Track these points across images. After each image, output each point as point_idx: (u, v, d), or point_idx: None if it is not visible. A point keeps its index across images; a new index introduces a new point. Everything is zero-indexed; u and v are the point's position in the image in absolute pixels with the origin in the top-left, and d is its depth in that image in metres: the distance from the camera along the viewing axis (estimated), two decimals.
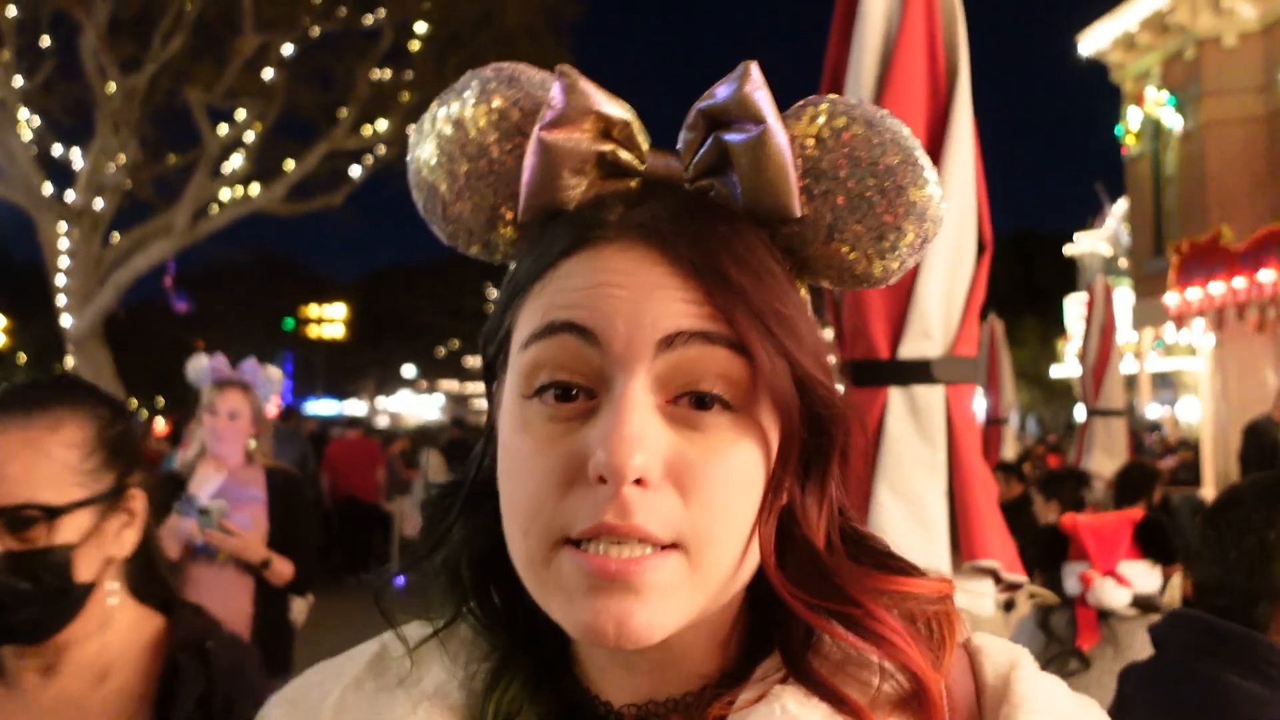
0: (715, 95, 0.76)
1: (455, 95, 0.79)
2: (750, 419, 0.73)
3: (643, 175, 0.78)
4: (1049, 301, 37.05)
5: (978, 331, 2.80)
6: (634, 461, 0.67)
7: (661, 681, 0.78)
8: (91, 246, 17.29)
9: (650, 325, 0.70)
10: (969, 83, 2.82)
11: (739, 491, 0.72)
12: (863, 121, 0.77)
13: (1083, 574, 3.15)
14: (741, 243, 0.74)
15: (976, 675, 0.78)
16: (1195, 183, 17.78)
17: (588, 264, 0.74)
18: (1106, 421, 9.42)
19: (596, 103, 0.76)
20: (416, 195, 0.82)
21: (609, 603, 0.69)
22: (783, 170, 0.74)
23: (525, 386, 0.74)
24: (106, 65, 16.64)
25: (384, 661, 0.85)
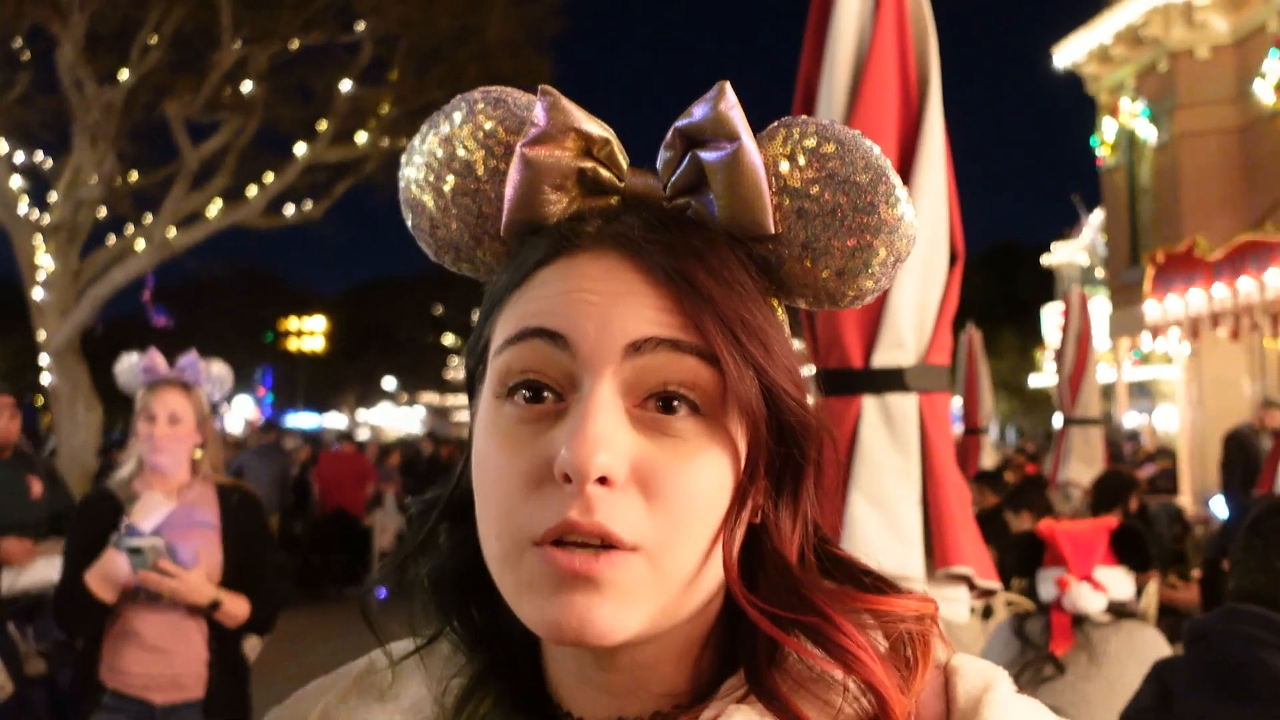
0: (692, 114, 0.77)
1: (444, 116, 0.81)
2: (718, 427, 0.74)
3: (622, 193, 0.80)
4: (1027, 312, 37.30)
5: (950, 340, 2.83)
6: (597, 460, 0.69)
7: (632, 699, 0.79)
8: (68, 261, 17.18)
9: (619, 330, 0.72)
10: (940, 93, 2.85)
11: (704, 498, 0.73)
12: (835, 141, 0.79)
13: (1059, 579, 3.18)
14: (715, 255, 0.76)
15: (949, 696, 0.77)
16: (1170, 193, 17.95)
17: (562, 272, 0.76)
18: (1084, 430, 9.49)
19: (578, 121, 0.77)
20: (406, 213, 0.84)
21: (573, 598, 0.70)
22: (757, 187, 0.76)
23: (499, 387, 0.76)
24: (84, 79, 16.56)
25: (371, 676, 0.87)
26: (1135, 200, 19.52)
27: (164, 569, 3.45)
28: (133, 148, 18.42)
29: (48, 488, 5.60)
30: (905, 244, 0.80)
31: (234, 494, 3.79)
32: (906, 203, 0.79)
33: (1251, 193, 16.79)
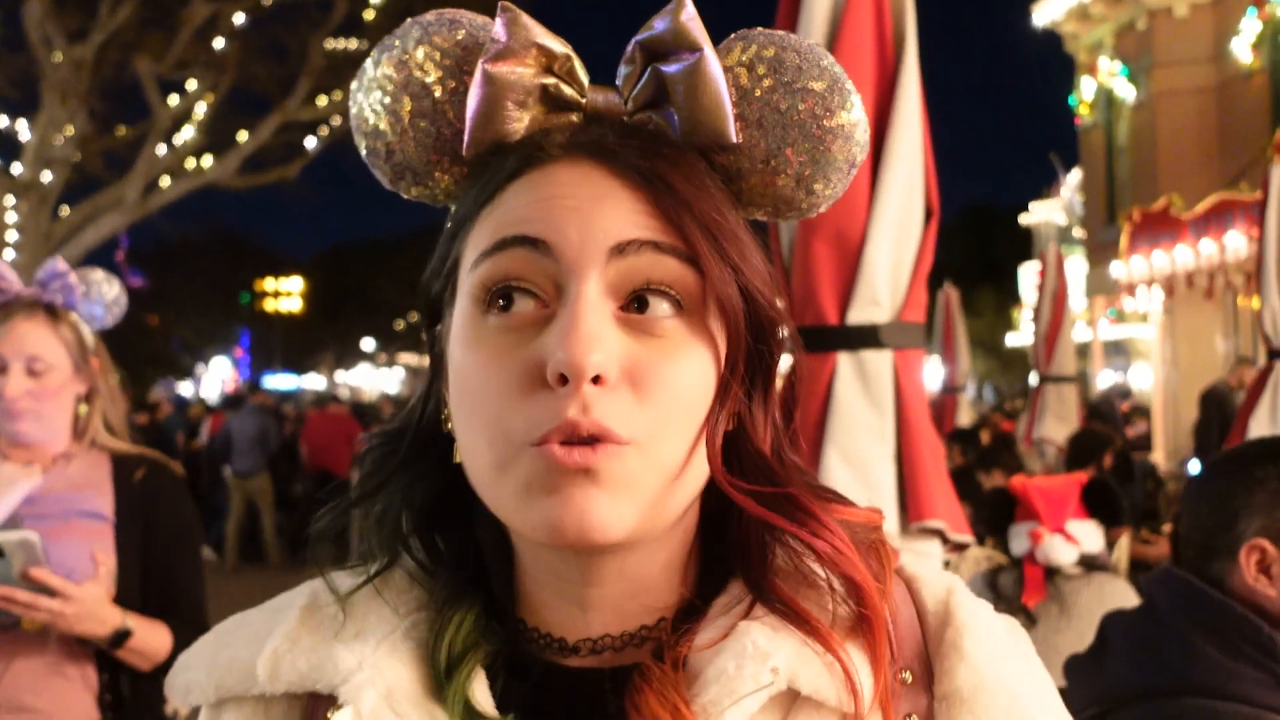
0: (653, 27, 0.79)
1: (397, 39, 0.81)
2: (699, 325, 0.76)
3: (584, 109, 0.80)
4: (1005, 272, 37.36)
5: (925, 297, 2.84)
6: (592, 358, 0.70)
7: (616, 615, 0.80)
8: (40, 221, 16.98)
9: (602, 233, 0.73)
10: (916, 49, 2.84)
11: (690, 392, 0.75)
12: (791, 50, 0.80)
13: (1032, 531, 3.23)
14: (684, 160, 0.78)
15: (916, 601, 0.82)
16: (1147, 152, 18.00)
17: (535, 181, 0.77)
18: (1059, 388, 9.55)
19: (538, 36, 0.78)
20: (359, 140, 0.83)
21: (573, 493, 0.71)
22: (717, 97, 0.77)
23: (480, 294, 0.76)
24: (53, 35, 16.28)
25: (317, 614, 0.83)
26: (1113, 159, 19.57)
27: (38, 580, 2.21)
28: (104, 106, 18.16)
29: None
30: (859, 149, 0.83)
31: (138, 466, 2.51)
32: (860, 109, 0.82)
33: (1227, 152, 16.85)
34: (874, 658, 0.75)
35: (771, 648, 0.74)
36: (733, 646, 0.74)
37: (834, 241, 2.70)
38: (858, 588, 0.77)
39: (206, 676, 0.83)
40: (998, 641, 0.79)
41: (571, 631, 0.80)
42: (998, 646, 0.79)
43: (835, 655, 0.74)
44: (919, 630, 0.81)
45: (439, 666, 0.78)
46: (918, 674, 0.79)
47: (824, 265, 2.71)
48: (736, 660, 0.74)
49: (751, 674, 0.73)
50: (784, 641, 0.75)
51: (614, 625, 0.80)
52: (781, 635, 0.75)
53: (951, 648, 0.78)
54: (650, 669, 0.75)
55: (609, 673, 0.78)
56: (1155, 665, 1.76)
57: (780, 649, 0.74)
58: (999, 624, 0.82)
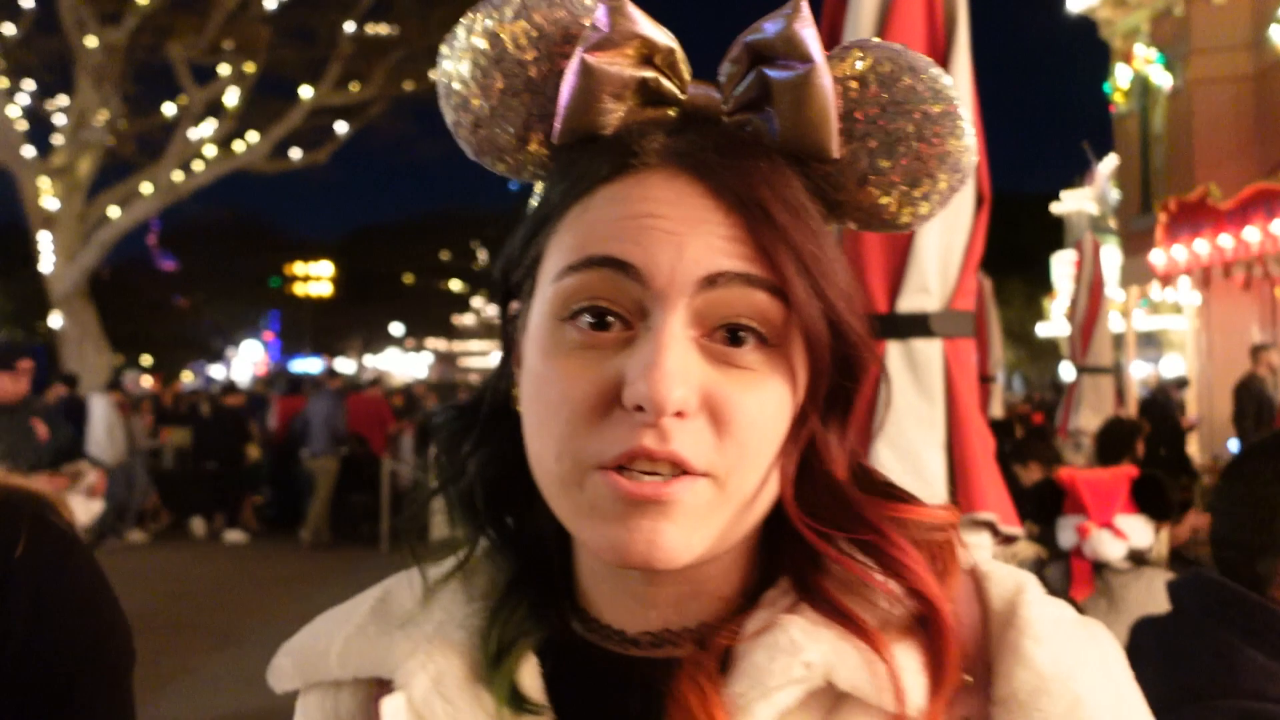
0: (763, 30, 0.75)
1: (494, 9, 0.78)
2: (783, 356, 0.74)
3: (682, 105, 0.77)
4: (1035, 260, 37.10)
5: (976, 285, 2.79)
6: (674, 395, 0.68)
7: (679, 612, 0.79)
8: (74, 204, 17.12)
9: (693, 263, 0.71)
10: (968, 32, 2.79)
11: (768, 426, 0.73)
12: (907, 68, 0.77)
13: (1080, 526, 3.17)
14: (781, 179, 0.74)
15: (982, 600, 0.78)
16: (1183, 140, 17.75)
17: (628, 193, 0.74)
18: (1095, 379, 9.45)
19: (642, 27, 0.75)
20: (445, 109, 0.81)
21: (641, 523, 0.70)
22: (825, 110, 0.75)
23: (560, 310, 0.74)
24: (86, 19, 16.39)
25: (387, 604, 0.85)
26: (1148, 147, 19.32)
27: None
28: (137, 90, 18.28)
29: (49, 427, 5.77)
30: (963, 176, 0.80)
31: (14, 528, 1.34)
32: (971, 135, 0.79)
33: (1265, 140, 16.60)
34: (934, 663, 0.73)
35: (807, 642, 0.72)
36: (767, 639, 0.73)
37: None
38: (926, 601, 0.74)
39: (294, 664, 0.86)
40: (1065, 642, 0.74)
41: (631, 624, 0.80)
42: (1064, 648, 0.74)
43: (879, 653, 0.72)
44: (981, 629, 0.77)
45: (488, 652, 0.79)
46: (979, 676, 0.76)
47: (873, 252, 2.67)
48: (769, 653, 0.72)
49: (782, 667, 0.72)
50: (822, 636, 0.73)
51: (674, 620, 0.79)
52: (820, 630, 0.73)
53: (1010, 649, 0.74)
54: (691, 659, 0.74)
55: (661, 663, 0.77)
56: (1193, 671, 1.71)
57: (817, 643, 0.72)
58: (1072, 625, 0.77)
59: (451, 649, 0.79)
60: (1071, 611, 0.78)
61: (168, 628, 8.69)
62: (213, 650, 7.72)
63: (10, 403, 5.55)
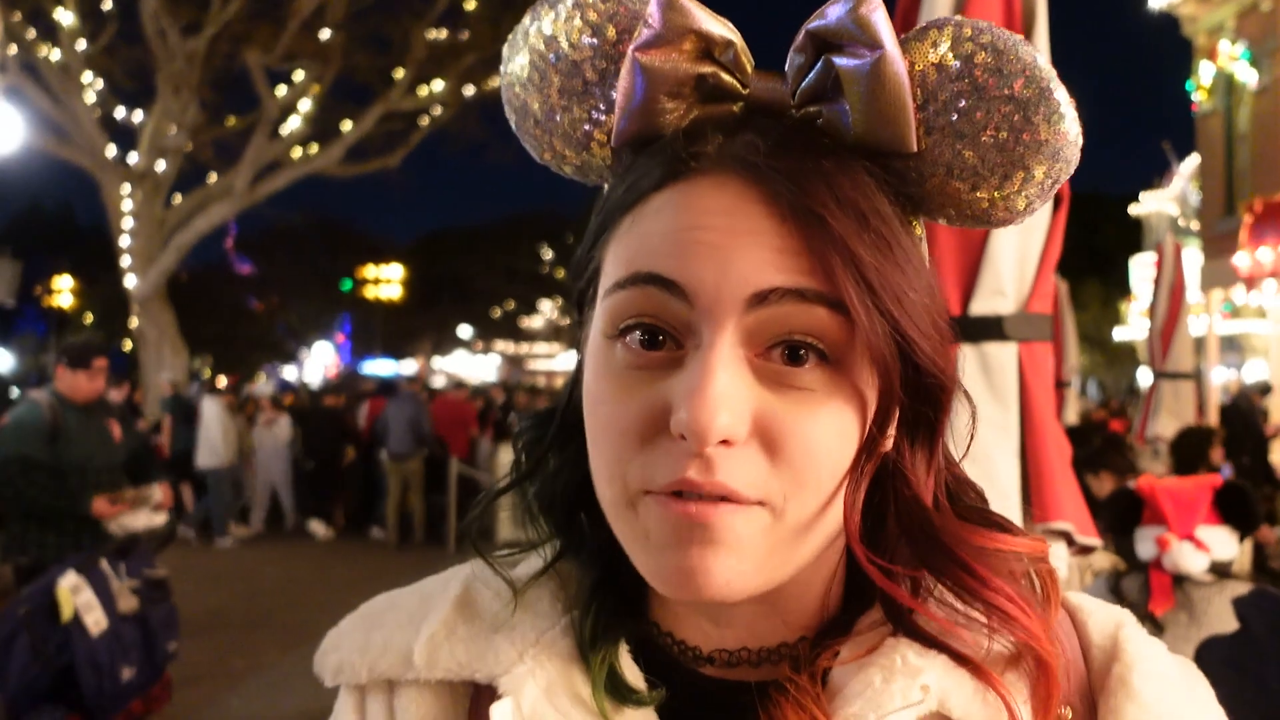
0: (826, 15, 0.69)
1: (549, 7, 0.74)
2: (846, 376, 0.68)
3: (745, 100, 0.72)
4: (1112, 263, 36.32)
5: (1053, 288, 2.71)
6: (718, 424, 0.64)
7: (753, 633, 0.76)
8: (154, 209, 17.54)
9: (740, 280, 0.66)
10: (1047, 29, 2.71)
11: (828, 453, 0.68)
12: (991, 49, 0.69)
13: (1159, 537, 3.07)
14: (848, 180, 0.68)
15: (1081, 634, 0.77)
16: (1270, 139, 17.23)
17: (678, 201, 0.69)
18: (1174, 385, 9.19)
19: (697, 21, 0.70)
20: (509, 112, 0.78)
21: (690, 551, 0.66)
22: (899, 101, 0.68)
23: (609, 328, 0.71)
24: (167, 28, 16.78)
25: (472, 605, 0.82)
26: (1232, 147, 18.79)
27: None
28: (214, 97, 18.68)
29: (123, 429, 5.90)
30: (1066, 165, 0.71)
31: None
32: (1073, 120, 0.70)
33: None
34: (1040, 697, 0.71)
35: (923, 664, 0.70)
36: (880, 660, 0.70)
37: (957, 228, 2.58)
38: (1031, 644, 0.71)
39: (360, 657, 0.82)
40: (1169, 680, 0.74)
41: (705, 642, 0.77)
42: (1169, 685, 0.74)
43: (993, 685, 0.69)
44: (1083, 665, 0.76)
45: (586, 643, 0.77)
46: (1079, 710, 0.74)
47: (946, 253, 2.60)
48: (884, 674, 0.70)
49: (900, 689, 0.69)
50: (934, 660, 0.70)
51: (750, 640, 0.76)
52: (933, 654, 0.71)
53: (1119, 684, 0.73)
54: (790, 683, 0.71)
55: (741, 685, 0.75)
56: (1261, 692, 1.64)
57: (931, 667, 0.70)
58: (1171, 662, 0.76)
59: (560, 657, 0.77)
60: (1165, 649, 0.77)
61: (241, 625, 8.85)
62: (286, 648, 7.84)
63: (88, 402, 5.65)
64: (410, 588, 0.87)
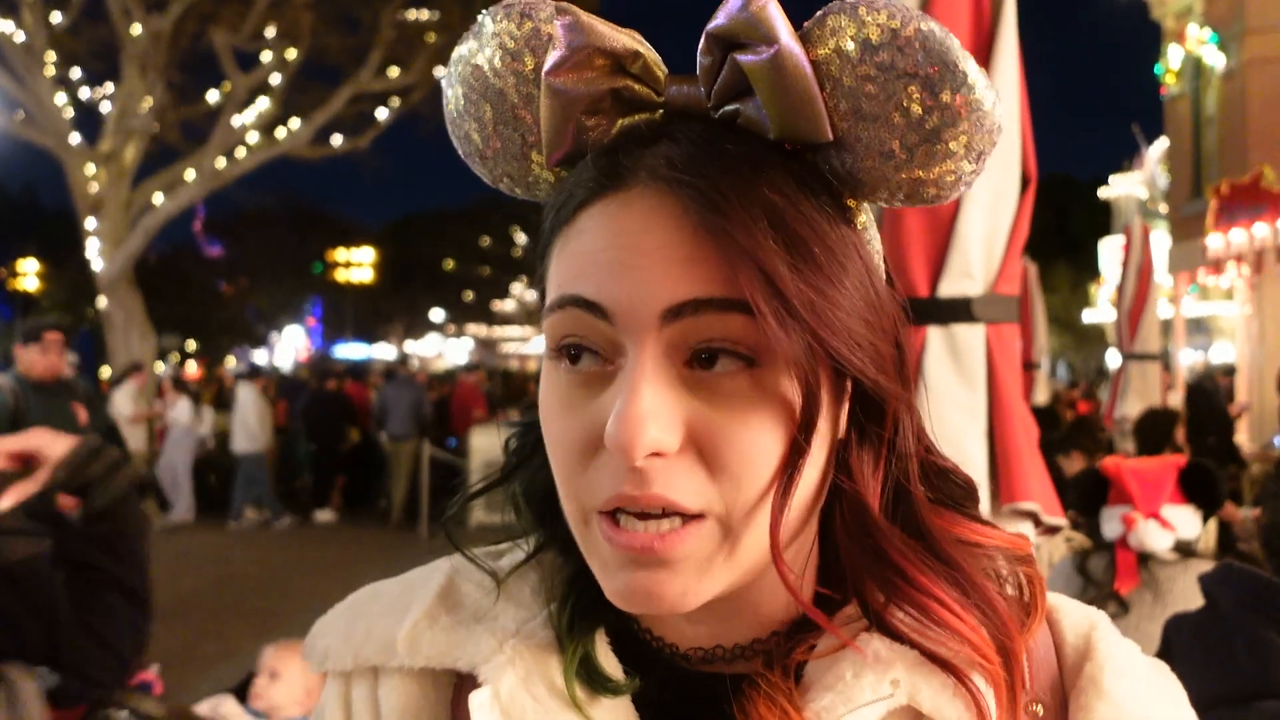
0: (719, 17, 0.69)
1: (472, 36, 0.76)
2: (770, 378, 0.69)
3: (664, 107, 0.73)
4: (1081, 246, 36.61)
5: (1020, 269, 2.73)
6: (644, 438, 0.65)
7: (727, 629, 0.77)
8: (120, 191, 17.32)
9: (654, 296, 0.67)
10: (1015, 12, 2.71)
11: (764, 455, 0.68)
12: (887, 28, 0.68)
13: (1125, 516, 3.10)
14: (765, 182, 0.68)
15: (1055, 634, 0.78)
16: (1237, 123, 17.39)
17: (596, 221, 0.71)
18: (1142, 366, 9.29)
19: (601, 39, 0.71)
20: (455, 141, 0.80)
21: (640, 575, 0.68)
22: (805, 92, 0.68)
23: (549, 347, 0.74)
24: (132, 7, 16.55)
25: (454, 594, 0.84)
26: (1200, 130, 18.96)
27: None
28: (181, 77, 18.45)
29: (89, 412, 5.79)
30: (987, 136, 0.69)
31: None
32: (985, 88, 0.68)
33: None
34: (1002, 702, 0.72)
35: (893, 659, 0.71)
36: (852, 654, 0.72)
37: (925, 210, 2.58)
38: (976, 650, 0.72)
39: (345, 645, 0.84)
40: (1141, 680, 0.76)
41: (682, 640, 0.79)
42: (1140, 685, 0.75)
43: (960, 679, 0.70)
44: (1055, 663, 0.77)
45: (562, 632, 0.79)
46: (1050, 708, 0.76)
47: (915, 235, 2.60)
48: (854, 668, 0.71)
49: (870, 683, 0.71)
50: (905, 656, 0.72)
51: (723, 637, 0.77)
52: (903, 650, 0.72)
53: (1090, 683, 0.75)
54: (762, 677, 0.73)
55: (717, 678, 0.76)
56: (1227, 669, 1.66)
57: (902, 662, 0.71)
58: (1144, 663, 0.78)
59: (539, 647, 0.78)
60: (1138, 650, 0.79)
61: (212, 611, 8.81)
62: (258, 635, 7.81)
63: (47, 381, 5.54)
64: (396, 579, 0.88)
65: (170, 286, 36.04)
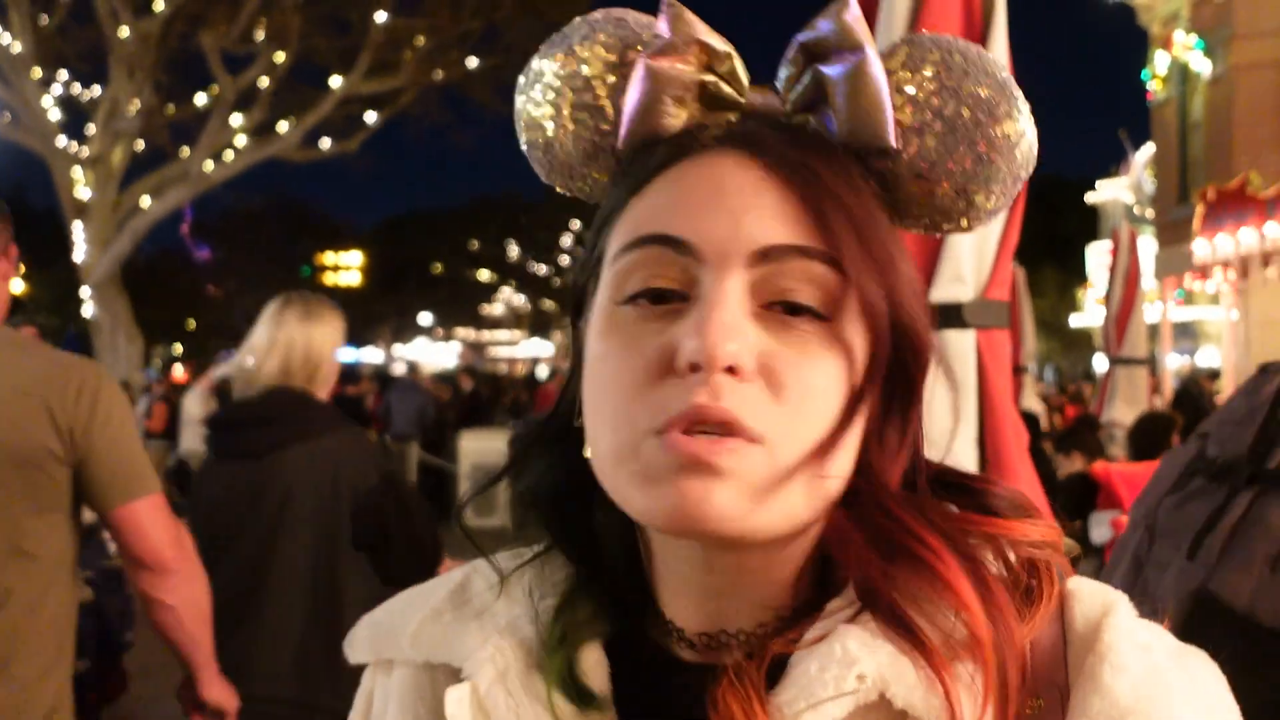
0: (817, 28, 0.77)
1: (564, 36, 0.82)
2: (840, 331, 0.73)
3: (742, 109, 0.79)
4: (1069, 250, 36.77)
5: (1011, 274, 2.73)
6: (727, 347, 0.68)
7: (733, 611, 0.77)
8: (107, 193, 17.27)
9: (747, 236, 0.71)
10: (1005, 17, 2.72)
11: (826, 396, 0.72)
12: (958, 53, 0.78)
13: (1115, 520, 3.11)
14: (840, 163, 0.75)
15: (1065, 621, 0.74)
16: (1223, 128, 17.50)
17: (684, 174, 0.75)
18: (1129, 370, 9.34)
19: (701, 33, 0.78)
20: (520, 131, 0.85)
21: (692, 482, 0.68)
22: (878, 99, 0.75)
23: (617, 294, 0.75)
24: (120, 9, 16.50)
25: (465, 592, 0.87)
26: (1186, 135, 19.06)
27: None
28: (170, 80, 18.40)
29: None
30: (1025, 162, 0.79)
31: None
32: (1029, 119, 0.78)
33: None
34: (992, 690, 0.69)
35: (863, 653, 0.70)
36: (822, 649, 0.71)
37: None
38: (969, 618, 0.70)
39: (369, 638, 0.89)
40: (1150, 671, 0.70)
41: (692, 623, 0.79)
42: (1148, 676, 0.70)
43: (936, 672, 0.69)
44: (1061, 653, 0.73)
45: (552, 640, 0.80)
46: (1052, 702, 0.72)
47: (907, 242, 2.60)
48: (820, 662, 0.70)
49: (834, 678, 0.69)
50: (879, 649, 0.70)
51: (732, 622, 0.78)
52: (879, 643, 0.70)
53: (1088, 676, 0.71)
54: (735, 666, 0.73)
55: (709, 668, 0.75)
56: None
57: (873, 656, 0.70)
58: (1164, 653, 0.72)
59: (520, 643, 0.80)
60: (1167, 639, 0.74)
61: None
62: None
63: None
64: (431, 581, 0.92)
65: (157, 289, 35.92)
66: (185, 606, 2.54)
